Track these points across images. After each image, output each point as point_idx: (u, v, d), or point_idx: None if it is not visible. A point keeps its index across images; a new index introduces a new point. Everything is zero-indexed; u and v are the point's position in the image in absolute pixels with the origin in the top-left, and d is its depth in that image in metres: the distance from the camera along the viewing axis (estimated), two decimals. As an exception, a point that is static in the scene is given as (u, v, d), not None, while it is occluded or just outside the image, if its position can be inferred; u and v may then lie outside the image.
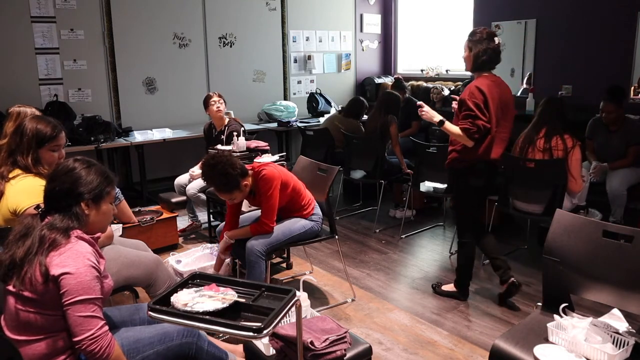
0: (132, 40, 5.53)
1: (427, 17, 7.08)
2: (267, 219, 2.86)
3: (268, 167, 2.88)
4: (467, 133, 2.88)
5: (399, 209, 4.89)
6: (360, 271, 3.73)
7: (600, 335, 1.76)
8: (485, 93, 2.88)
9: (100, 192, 1.74)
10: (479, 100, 2.87)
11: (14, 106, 2.99)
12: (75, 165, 1.74)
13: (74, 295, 1.56)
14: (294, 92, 6.93)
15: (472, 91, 2.91)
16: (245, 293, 1.73)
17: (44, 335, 1.62)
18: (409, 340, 2.82)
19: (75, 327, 1.57)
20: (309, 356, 1.84)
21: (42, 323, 1.61)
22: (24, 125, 2.31)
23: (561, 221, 2.05)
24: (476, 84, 2.93)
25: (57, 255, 1.58)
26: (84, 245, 1.65)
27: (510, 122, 3.08)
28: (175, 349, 1.86)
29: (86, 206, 1.71)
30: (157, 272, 2.51)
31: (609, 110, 4.04)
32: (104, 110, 5.41)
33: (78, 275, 1.57)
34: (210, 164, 2.72)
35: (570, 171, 3.28)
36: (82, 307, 1.56)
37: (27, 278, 1.57)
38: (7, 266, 1.61)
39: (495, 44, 2.94)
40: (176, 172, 4.76)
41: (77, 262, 1.58)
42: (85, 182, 1.71)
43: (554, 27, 5.41)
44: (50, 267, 1.56)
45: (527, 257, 3.91)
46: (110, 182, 1.78)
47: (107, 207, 1.78)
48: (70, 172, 1.71)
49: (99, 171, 1.76)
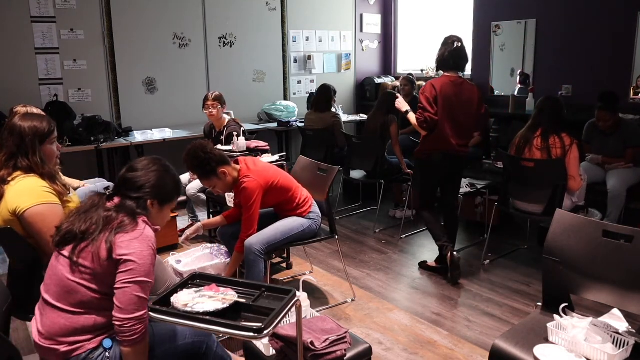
0: (132, 40, 5.52)
1: (427, 17, 7.07)
2: (247, 233, 2.89)
3: (249, 178, 2.88)
4: (418, 123, 3.38)
5: (399, 209, 4.89)
6: (360, 271, 3.73)
7: (600, 335, 1.76)
8: (437, 89, 3.29)
9: (170, 197, 1.88)
10: (430, 95, 3.30)
11: (18, 105, 2.99)
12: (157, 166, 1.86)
13: (137, 275, 1.63)
14: (294, 92, 6.93)
15: (425, 87, 3.36)
16: (245, 293, 1.73)
17: (79, 310, 1.67)
18: (409, 340, 2.82)
19: (129, 305, 1.61)
20: (309, 356, 1.84)
21: (85, 295, 1.66)
22: (21, 126, 2.26)
23: (561, 221, 2.05)
24: (432, 81, 3.35)
25: (125, 237, 1.65)
26: (150, 231, 1.73)
27: (472, 120, 3.46)
28: (186, 347, 1.87)
29: (151, 204, 1.81)
30: (157, 272, 2.51)
31: (605, 118, 4.04)
32: (104, 110, 5.41)
33: (143, 257, 1.65)
34: (187, 149, 2.91)
35: (568, 170, 3.28)
36: (140, 288, 1.63)
37: (88, 251, 1.64)
38: (63, 235, 1.69)
39: (453, 48, 3.32)
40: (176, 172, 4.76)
41: (143, 245, 1.66)
42: (161, 184, 1.84)
43: (554, 27, 5.41)
44: (116, 247, 1.62)
45: (527, 257, 3.91)
46: (179, 192, 1.94)
47: (167, 212, 1.91)
48: (152, 168, 1.84)
49: (174, 179, 1.91)
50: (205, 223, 3.21)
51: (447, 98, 3.31)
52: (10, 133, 2.28)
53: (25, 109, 2.82)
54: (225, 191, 3.01)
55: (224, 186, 2.93)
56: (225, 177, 2.87)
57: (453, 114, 3.35)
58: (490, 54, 6.04)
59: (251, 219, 2.88)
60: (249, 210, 2.87)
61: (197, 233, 3.09)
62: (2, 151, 2.29)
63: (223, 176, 2.86)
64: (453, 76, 3.36)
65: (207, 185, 2.98)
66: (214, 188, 2.95)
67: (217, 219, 3.18)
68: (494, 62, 6.04)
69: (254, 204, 2.87)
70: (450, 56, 3.32)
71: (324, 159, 4.58)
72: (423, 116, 3.32)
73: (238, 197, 2.98)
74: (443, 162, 3.46)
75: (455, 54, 3.32)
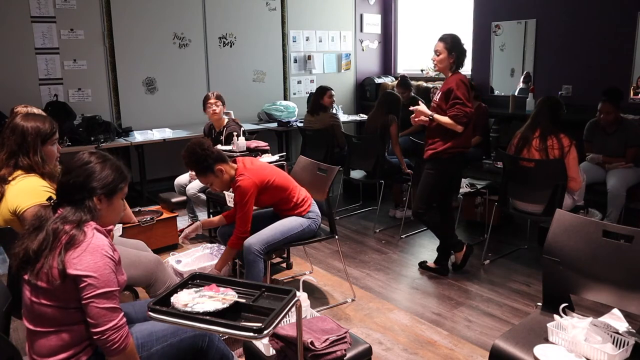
0: (132, 40, 5.53)
1: (427, 17, 7.07)
2: (241, 230, 2.90)
3: (244, 176, 2.90)
4: (457, 119, 3.23)
5: (399, 209, 4.89)
6: (360, 271, 3.73)
7: (600, 335, 1.76)
8: (467, 85, 3.28)
9: (114, 187, 1.75)
10: (467, 91, 3.25)
11: (19, 106, 2.99)
12: (91, 159, 1.73)
13: (97, 288, 1.58)
14: (294, 92, 6.93)
15: (459, 82, 3.26)
16: (245, 293, 1.73)
17: (56, 328, 1.63)
18: (409, 340, 2.82)
19: (98, 319, 1.59)
20: (309, 356, 1.84)
21: (55, 315, 1.62)
22: (23, 126, 2.29)
23: (561, 221, 2.05)
24: (462, 77, 3.31)
25: (76, 253, 1.59)
26: (100, 237, 1.66)
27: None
28: (188, 340, 1.86)
29: (99, 201, 1.71)
30: (157, 272, 2.51)
31: (607, 110, 4.03)
32: (104, 110, 5.41)
33: (97, 269, 1.59)
34: (186, 145, 2.93)
35: (568, 171, 3.28)
36: (104, 300, 1.59)
37: (43, 272, 1.58)
38: (21, 258, 1.62)
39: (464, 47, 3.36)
40: (176, 172, 4.76)
41: (95, 256, 1.60)
42: (100, 177, 1.71)
43: (554, 27, 5.41)
44: (68, 265, 1.57)
45: (527, 257, 3.91)
46: (124, 179, 1.79)
47: (118, 202, 1.79)
48: (85, 166, 1.71)
49: (114, 166, 1.76)
50: (205, 222, 3.22)
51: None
52: (13, 132, 2.30)
53: (26, 109, 2.83)
54: (222, 189, 3.03)
55: (221, 184, 2.94)
56: (222, 175, 2.89)
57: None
58: (490, 54, 6.04)
59: (245, 217, 2.90)
60: (243, 209, 2.89)
61: (196, 232, 3.09)
62: (3, 150, 2.30)
63: (220, 174, 2.88)
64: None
65: (204, 183, 2.99)
66: (211, 185, 2.97)
67: (217, 218, 3.19)
68: (494, 62, 6.05)
69: (248, 202, 2.88)
70: (462, 56, 3.34)
71: (323, 159, 4.58)
72: (462, 111, 3.20)
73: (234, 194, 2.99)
74: (462, 162, 3.49)
75: (464, 54, 3.35)
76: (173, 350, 1.84)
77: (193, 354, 1.89)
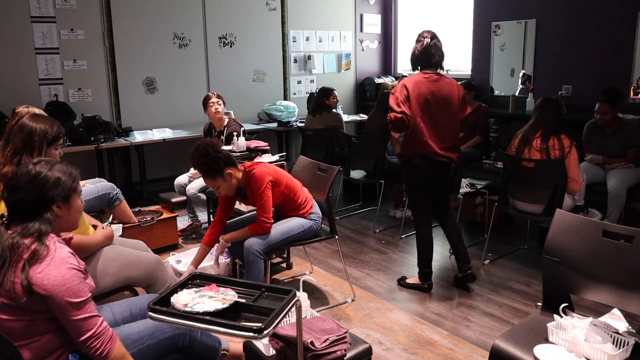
0: (132, 40, 5.53)
1: (427, 17, 7.07)
2: (264, 216, 2.87)
3: (258, 167, 2.92)
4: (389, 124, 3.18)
5: (399, 209, 4.89)
6: (360, 271, 3.73)
7: (600, 335, 1.76)
8: (408, 88, 3.11)
9: (69, 189, 1.71)
10: (400, 95, 3.11)
11: (20, 106, 2.99)
12: (40, 170, 1.67)
13: (66, 302, 1.55)
14: (294, 92, 6.93)
15: (396, 87, 3.19)
16: (245, 293, 1.73)
17: (27, 341, 1.60)
18: (409, 340, 2.82)
19: (76, 330, 1.58)
20: (309, 356, 1.84)
21: (21, 329, 1.59)
22: (32, 126, 2.33)
23: (561, 221, 2.05)
24: (404, 80, 3.19)
25: (40, 267, 1.55)
26: (62, 249, 1.62)
27: (454, 119, 3.22)
28: (166, 341, 1.86)
29: (58, 208, 1.68)
30: (157, 272, 2.51)
31: (604, 110, 4.03)
32: (104, 110, 5.41)
33: (65, 282, 1.55)
34: (196, 145, 2.84)
35: (569, 172, 3.28)
36: (77, 311, 1.57)
37: (4, 289, 1.54)
38: None
39: (424, 44, 3.16)
40: (176, 172, 4.76)
41: (60, 269, 1.56)
42: (53, 185, 1.66)
43: (554, 27, 5.41)
44: (33, 282, 1.53)
45: (527, 257, 3.91)
46: (74, 178, 1.74)
47: (77, 203, 1.76)
48: (35, 179, 1.65)
49: (62, 169, 1.71)
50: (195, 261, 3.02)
51: (422, 97, 3.10)
52: (20, 130, 2.34)
53: (28, 109, 2.83)
54: (227, 193, 2.95)
55: (228, 188, 2.89)
56: (230, 179, 2.84)
57: (431, 113, 3.13)
58: (490, 54, 6.05)
59: (265, 205, 2.86)
60: (263, 197, 2.85)
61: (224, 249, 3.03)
62: (9, 146, 2.34)
63: (229, 177, 2.83)
64: (428, 74, 3.15)
65: (211, 185, 2.91)
66: (217, 189, 2.89)
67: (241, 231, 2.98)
68: (494, 62, 6.05)
69: (266, 189, 2.85)
70: (420, 54, 3.17)
71: (324, 159, 4.58)
72: (389, 116, 3.13)
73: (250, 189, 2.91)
74: (424, 166, 3.21)
75: (425, 51, 3.15)
76: (150, 352, 1.83)
77: (175, 353, 1.89)
